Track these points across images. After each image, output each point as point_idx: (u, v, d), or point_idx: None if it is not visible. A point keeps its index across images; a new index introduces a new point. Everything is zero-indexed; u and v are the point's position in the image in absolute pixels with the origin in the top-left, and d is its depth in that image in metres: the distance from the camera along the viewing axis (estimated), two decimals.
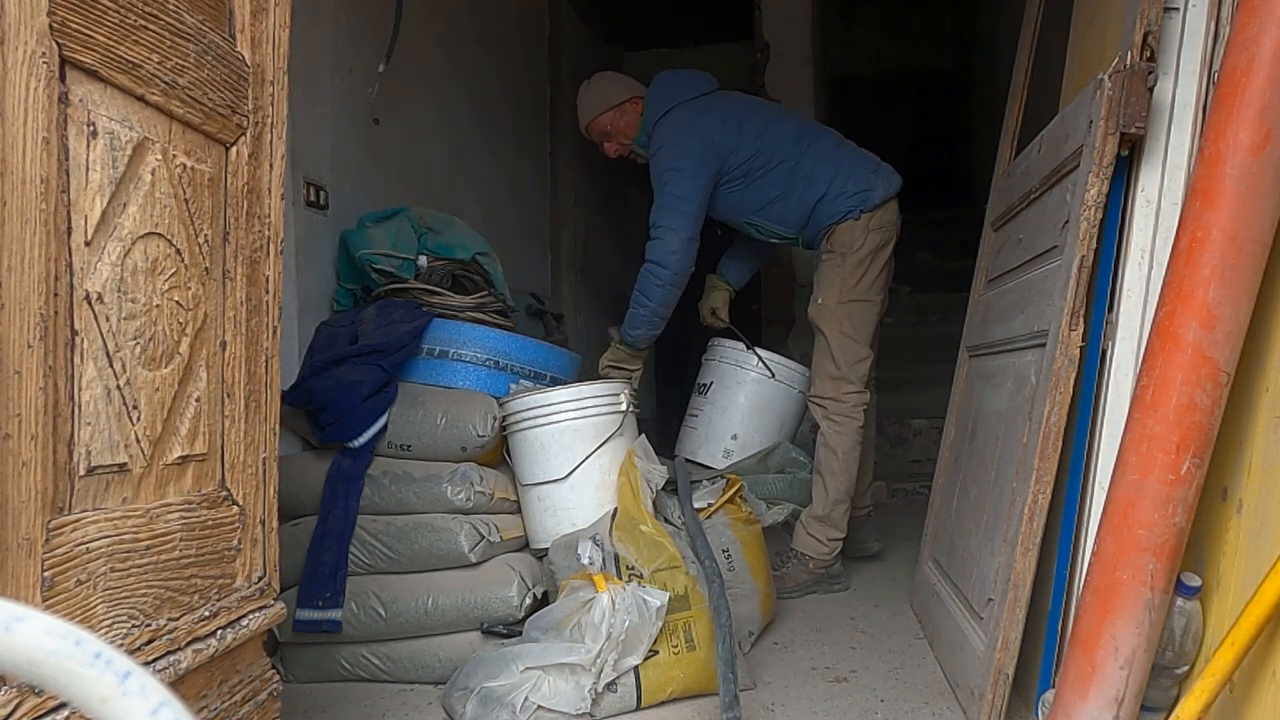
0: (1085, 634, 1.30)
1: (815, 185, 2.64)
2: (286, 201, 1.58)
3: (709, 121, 2.64)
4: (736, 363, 3.02)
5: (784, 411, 3.03)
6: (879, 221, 2.64)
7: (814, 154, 2.68)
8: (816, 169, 2.65)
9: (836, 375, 2.62)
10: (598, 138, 2.87)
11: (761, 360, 2.99)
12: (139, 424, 1.04)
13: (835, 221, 2.64)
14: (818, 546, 2.61)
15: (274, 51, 1.29)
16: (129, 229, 1.02)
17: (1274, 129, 1.18)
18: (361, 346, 2.12)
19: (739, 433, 2.97)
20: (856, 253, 2.62)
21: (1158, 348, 1.28)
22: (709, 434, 3.01)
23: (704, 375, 3.11)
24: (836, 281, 2.63)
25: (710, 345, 3.14)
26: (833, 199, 2.63)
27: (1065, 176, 1.68)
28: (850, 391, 2.62)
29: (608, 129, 2.81)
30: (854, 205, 2.62)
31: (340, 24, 2.47)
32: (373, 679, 2.00)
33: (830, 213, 2.64)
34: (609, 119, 2.79)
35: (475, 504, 2.04)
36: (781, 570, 2.60)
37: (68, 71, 0.92)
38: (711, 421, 3.01)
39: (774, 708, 1.81)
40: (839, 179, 2.64)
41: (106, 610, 0.98)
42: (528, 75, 4.10)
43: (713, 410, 3.02)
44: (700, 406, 3.07)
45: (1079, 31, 1.99)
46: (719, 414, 3.01)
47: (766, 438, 2.97)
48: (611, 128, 2.81)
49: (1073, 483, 1.59)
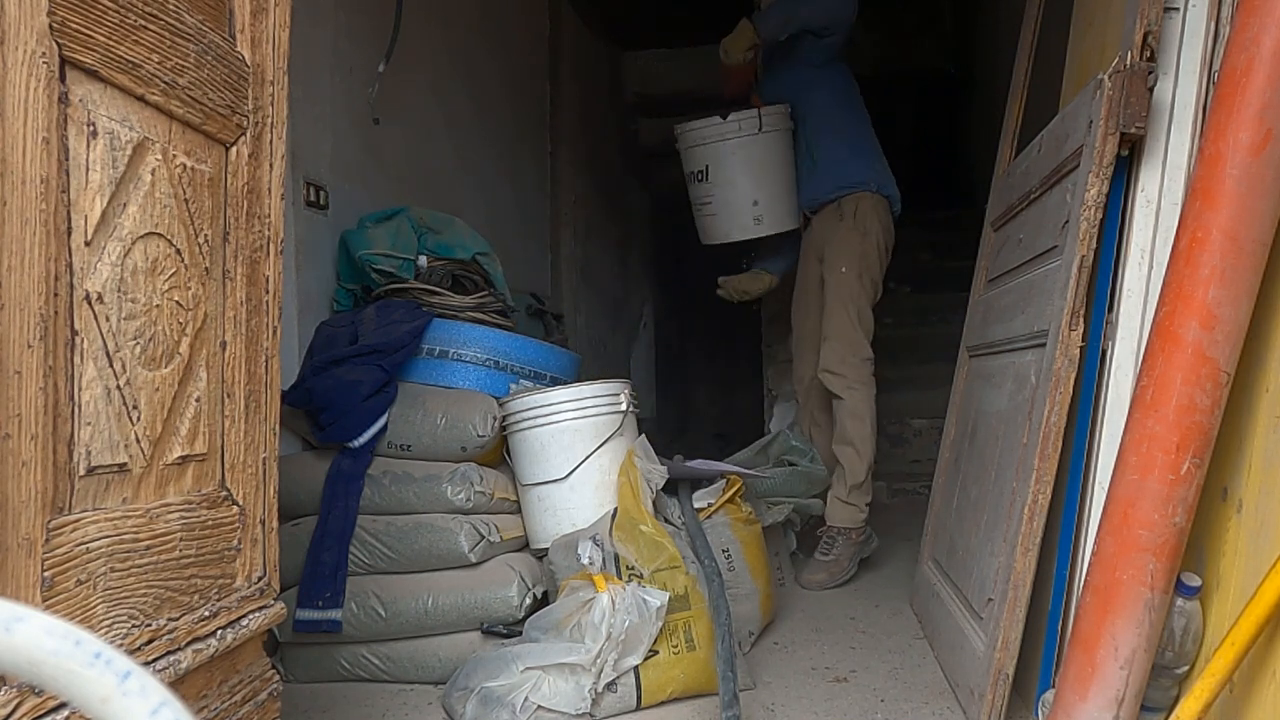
0: (1085, 634, 1.30)
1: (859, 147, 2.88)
2: (286, 201, 1.58)
3: None
4: (720, 136, 2.99)
5: (786, 159, 3.03)
6: (888, 221, 2.87)
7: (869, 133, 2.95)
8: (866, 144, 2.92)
9: (856, 338, 2.76)
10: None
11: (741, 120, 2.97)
12: (139, 424, 1.04)
13: (858, 185, 2.83)
14: (856, 515, 2.73)
15: (274, 51, 1.29)
16: (129, 229, 1.02)
17: (1274, 129, 1.18)
18: (361, 346, 2.12)
19: (758, 197, 3.00)
20: (871, 233, 2.80)
21: (1158, 348, 1.28)
22: (730, 212, 3.03)
23: (692, 163, 3.08)
24: (859, 255, 2.79)
25: (683, 131, 3.07)
26: (863, 167, 2.86)
27: (1065, 176, 1.68)
28: (867, 358, 2.78)
29: None
30: (875, 179, 2.85)
31: (340, 24, 2.47)
32: (373, 679, 2.00)
33: (854, 175, 2.84)
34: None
35: (475, 504, 2.04)
36: (832, 555, 2.71)
37: (68, 71, 0.92)
38: (727, 201, 3.03)
39: (774, 708, 1.81)
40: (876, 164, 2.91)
41: (106, 610, 0.98)
42: (528, 75, 4.10)
43: (723, 189, 3.02)
44: (708, 192, 3.05)
45: (1079, 31, 1.99)
46: (730, 189, 3.01)
47: (786, 190, 3.02)
48: None
49: (1073, 483, 1.59)
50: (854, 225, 2.82)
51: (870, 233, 2.80)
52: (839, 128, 2.90)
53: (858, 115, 2.95)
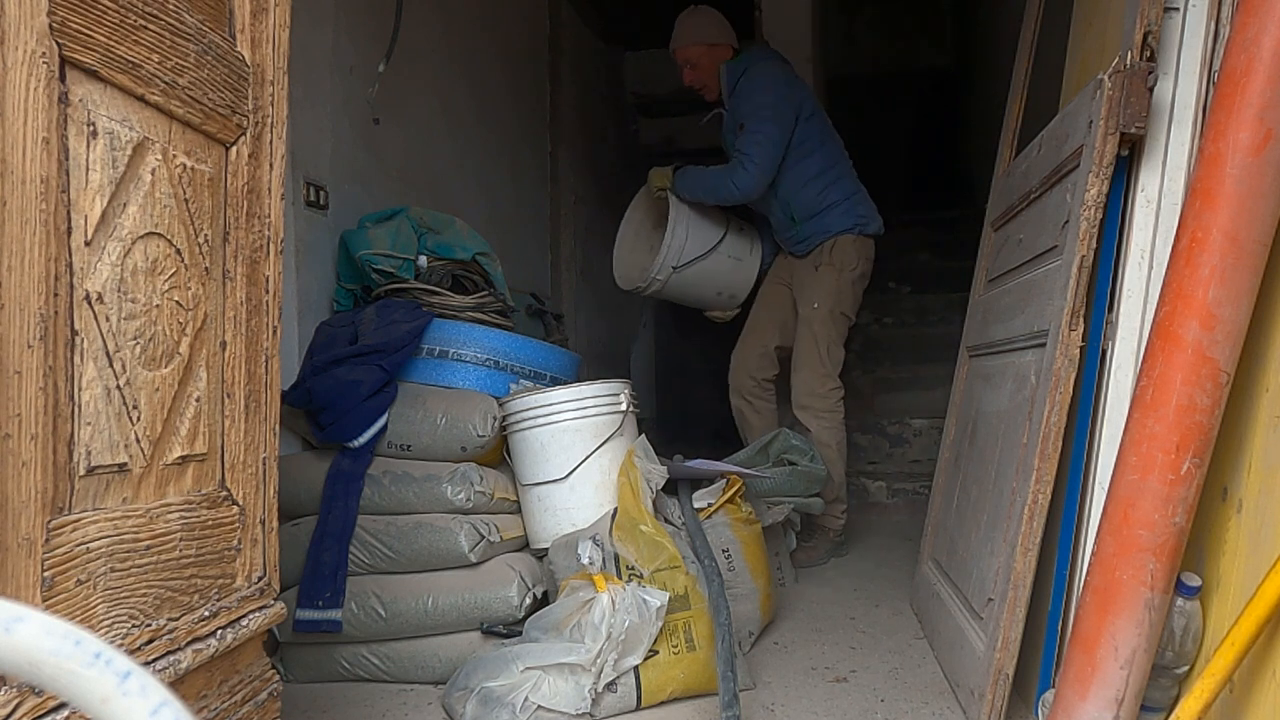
0: (1085, 634, 1.30)
1: (838, 189, 3.00)
2: (286, 201, 1.58)
3: (797, 81, 3.03)
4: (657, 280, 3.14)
5: (715, 237, 3.18)
6: (869, 251, 3.05)
7: (845, 166, 3.08)
8: (844, 176, 3.05)
9: (824, 372, 3.00)
10: (681, 61, 3.11)
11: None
12: (139, 424, 1.04)
13: (839, 232, 2.99)
14: (836, 521, 3.06)
15: (274, 51, 1.29)
16: (129, 229, 1.01)
17: (1274, 129, 1.18)
18: (361, 346, 2.12)
19: (720, 289, 3.25)
20: (852, 271, 3.00)
21: (1158, 348, 1.28)
22: (704, 303, 3.31)
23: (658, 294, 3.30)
24: (833, 292, 2.99)
25: (636, 288, 3.26)
26: (844, 211, 3.00)
27: (1065, 176, 1.68)
28: (833, 388, 3.02)
29: (695, 60, 3.06)
30: (857, 223, 3.00)
31: (340, 24, 2.47)
32: (373, 679, 2.00)
33: (837, 223, 2.99)
34: (701, 52, 3.05)
35: (475, 504, 2.04)
36: (811, 542, 3.02)
37: (68, 71, 0.92)
38: (698, 300, 3.31)
39: (774, 708, 1.81)
40: (856, 196, 3.04)
41: (106, 610, 0.98)
42: (528, 75, 4.10)
43: (686, 295, 3.29)
44: (681, 297, 3.33)
45: (1079, 31, 1.99)
46: (692, 292, 3.27)
47: (736, 260, 3.21)
48: (699, 60, 3.06)
49: (1073, 483, 1.59)
50: (830, 261, 3.01)
51: (846, 269, 3.00)
52: (812, 177, 3.00)
53: (830, 155, 3.03)
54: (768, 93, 2.89)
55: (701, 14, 3.09)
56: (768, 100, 2.88)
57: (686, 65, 3.08)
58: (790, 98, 2.92)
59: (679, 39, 3.08)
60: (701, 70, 3.06)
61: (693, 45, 3.04)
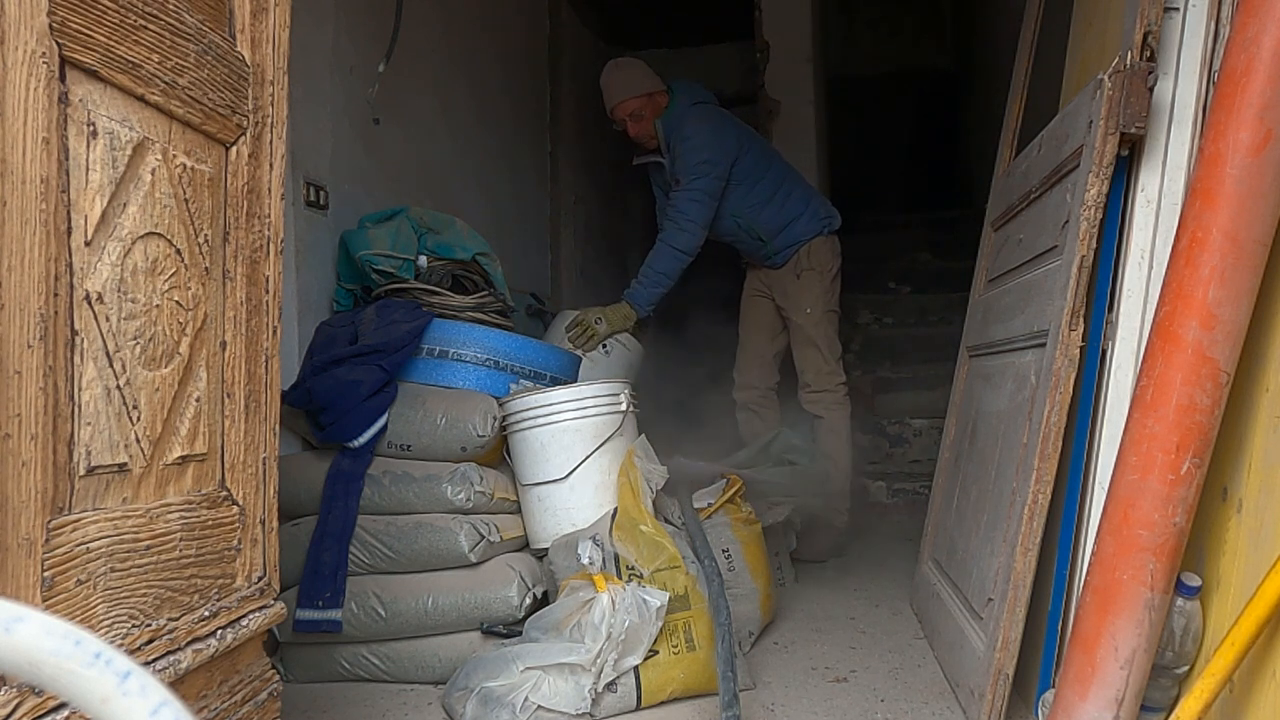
0: (1085, 634, 1.30)
1: (796, 201, 3.14)
2: (286, 201, 1.58)
3: (730, 122, 3.08)
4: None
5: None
6: (838, 247, 3.19)
7: (793, 177, 3.21)
8: (796, 186, 3.18)
9: (828, 369, 3.16)
10: (622, 117, 3.10)
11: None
12: (139, 424, 1.04)
13: (811, 237, 3.12)
14: (840, 516, 3.11)
15: (274, 51, 1.29)
16: (129, 229, 1.01)
17: (1274, 129, 1.18)
18: (361, 346, 2.11)
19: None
20: (830, 271, 3.16)
21: (1158, 348, 1.28)
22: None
23: None
24: (821, 293, 3.14)
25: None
26: (810, 217, 3.14)
27: (1065, 176, 1.68)
28: (840, 382, 3.18)
29: (638, 111, 3.08)
30: (824, 224, 3.16)
31: (340, 24, 2.47)
32: (373, 679, 2.00)
33: (807, 230, 3.13)
34: (641, 103, 3.07)
35: (475, 504, 2.04)
36: (813, 538, 3.01)
37: (68, 71, 0.92)
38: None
39: (774, 708, 1.81)
40: (814, 201, 3.19)
41: (106, 610, 0.98)
42: (528, 75, 4.10)
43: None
44: None
45: (1079, 31, 1.99)
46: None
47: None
48: (642, 110, 3.08)
49: (1073, 483, 1.59)
50: (810, 266, 3.13)
51: (826, 269, 3.14)
52: (767, 199, 3.08)
53: (777, 175, 3.12)
54: (700, 151, 2.95)
55: (627, 67, 3.11)
56: (701, 158, 2.95)
57: (629, 119, 3.08)
58: (722, 145, 2.98)
59: (616, 95, 3.07)
60: (645, 122, 3.07)
61: (631, 99, 3.05)
